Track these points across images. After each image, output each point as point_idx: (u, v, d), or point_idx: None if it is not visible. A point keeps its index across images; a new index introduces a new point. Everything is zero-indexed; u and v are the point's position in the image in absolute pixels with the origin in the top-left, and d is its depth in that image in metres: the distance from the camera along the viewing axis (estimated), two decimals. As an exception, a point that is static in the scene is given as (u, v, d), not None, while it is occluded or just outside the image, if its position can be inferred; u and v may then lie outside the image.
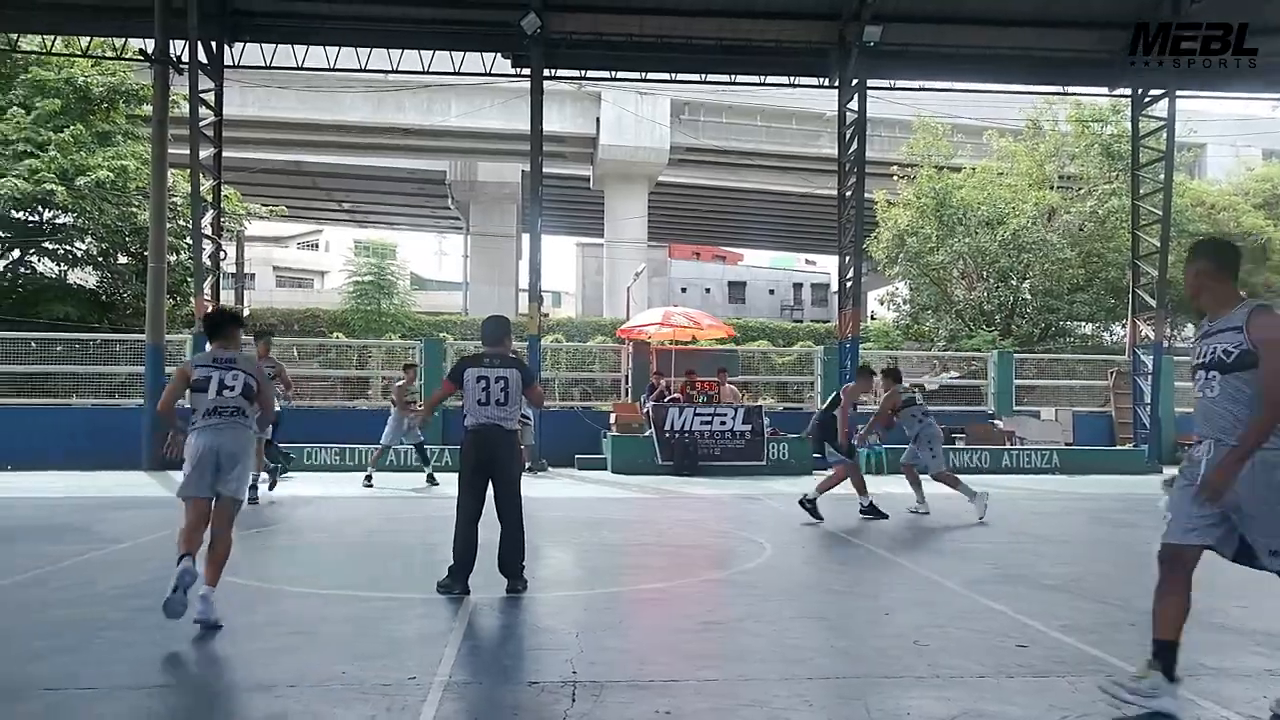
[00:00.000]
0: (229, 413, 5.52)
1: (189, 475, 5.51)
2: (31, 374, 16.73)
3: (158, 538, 8.51)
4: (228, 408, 5.52)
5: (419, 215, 59.68)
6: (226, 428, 5.51)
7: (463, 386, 6.22)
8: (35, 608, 5.86)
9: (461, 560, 6.14)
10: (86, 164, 21.36)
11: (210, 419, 5.49)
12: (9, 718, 3.85)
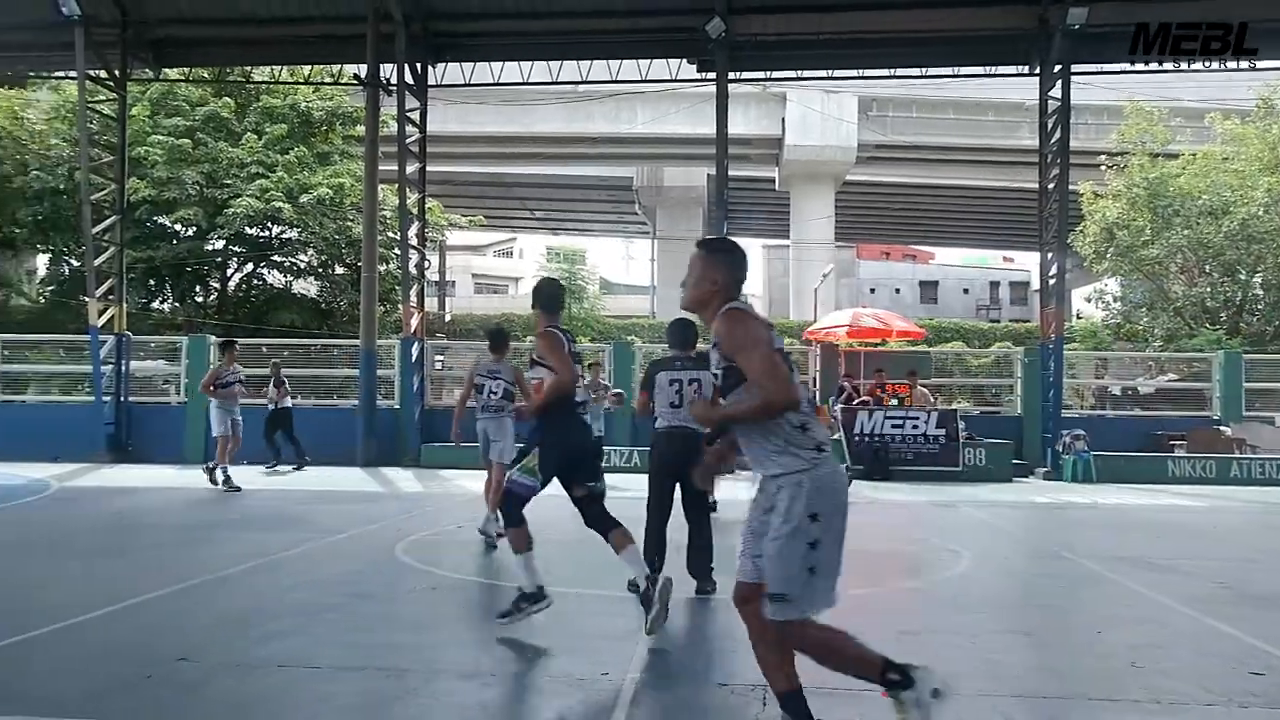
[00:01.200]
0: (494, 409, 8.23)
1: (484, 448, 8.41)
2: (264, 376, 18.27)
3: (372, 529, 9.13)
4: (495, 405, 8.22)
5: (607, 221, 61.06)
6: (493, 418, 8.26)
7: (654, 390, 6.31)
8: (268, 592, 6.40)
9: (650, 560, 6.24)
10: (309, 183, 23.19)
11: (485, 412, 8.27)
12: (252, 690, 4.22)
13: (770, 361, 3.19)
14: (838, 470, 3.30)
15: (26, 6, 16.77)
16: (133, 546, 8.38)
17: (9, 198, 23.61)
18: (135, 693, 4.10)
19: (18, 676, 4.42)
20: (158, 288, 25.86)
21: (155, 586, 6.31)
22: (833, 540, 3.19)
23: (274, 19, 17.53)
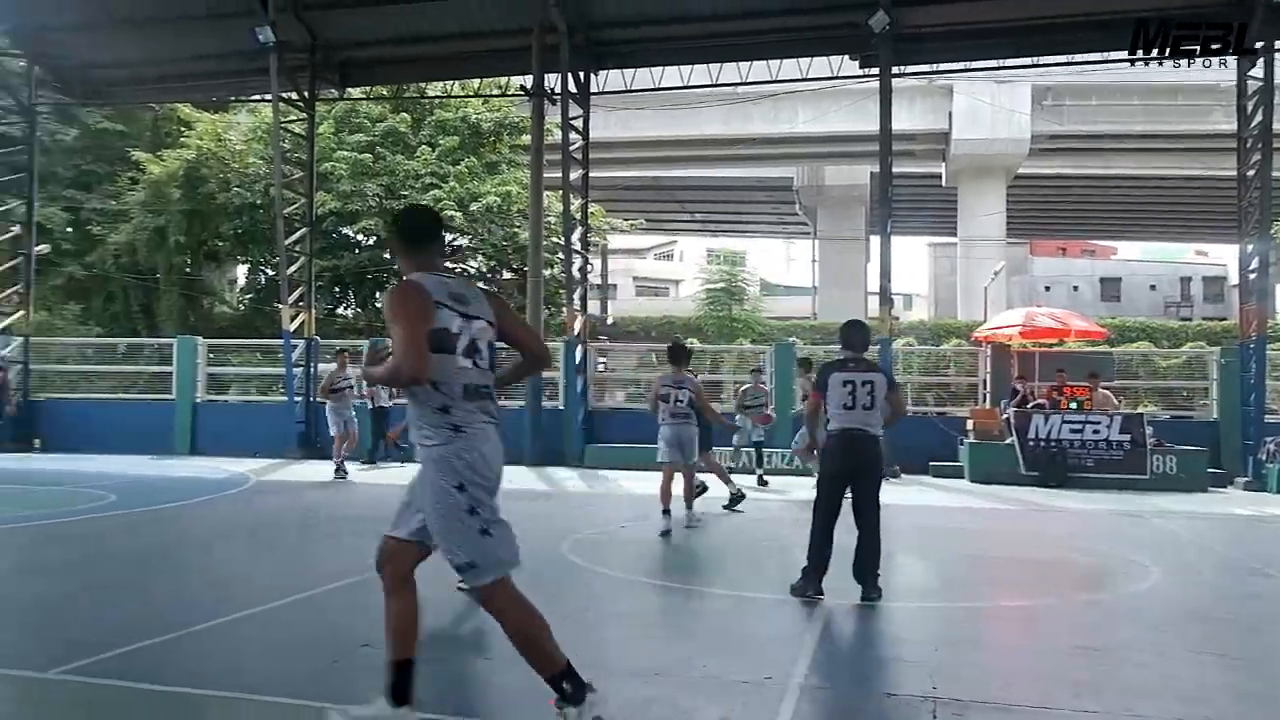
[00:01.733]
0: (682, 416, 9.15)
1: (666, 451, 9.17)
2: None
3: (539, 527, 9.39)
4: (681, 413, 9.15)
5: (767, 222, 60.66)
6: (681, 424, 9.17)
7: (827, 392, 6.25)
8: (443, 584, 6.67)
9: (817, 563, 6.16)
10: (478, 191, 24.14)
11: (672, 419, 9.16)
12: (427, 677, 4.44)
13: (408, 336, 3.27)
14: (477, 449, 3.44)
15: (228, 39, 18.20)
16: (320, 537, 8.97)
17: (213, 213, 25.66)
18: (323, 676, 4.38)
19: (220, 656, 4.81)
20: (342, 294, 27.47)
21: (340, 576, 6.72)
22: (487, 502, 3.47)
23: (446, 36, 18.35)
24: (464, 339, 3.40)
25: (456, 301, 3.42)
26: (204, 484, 12.81)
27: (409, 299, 3.34)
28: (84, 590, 6.34)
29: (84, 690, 4.07)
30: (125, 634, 4.99)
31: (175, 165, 25.56)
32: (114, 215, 27.78)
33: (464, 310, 3.42)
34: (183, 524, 9.92)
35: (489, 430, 3.49)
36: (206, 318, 28.14)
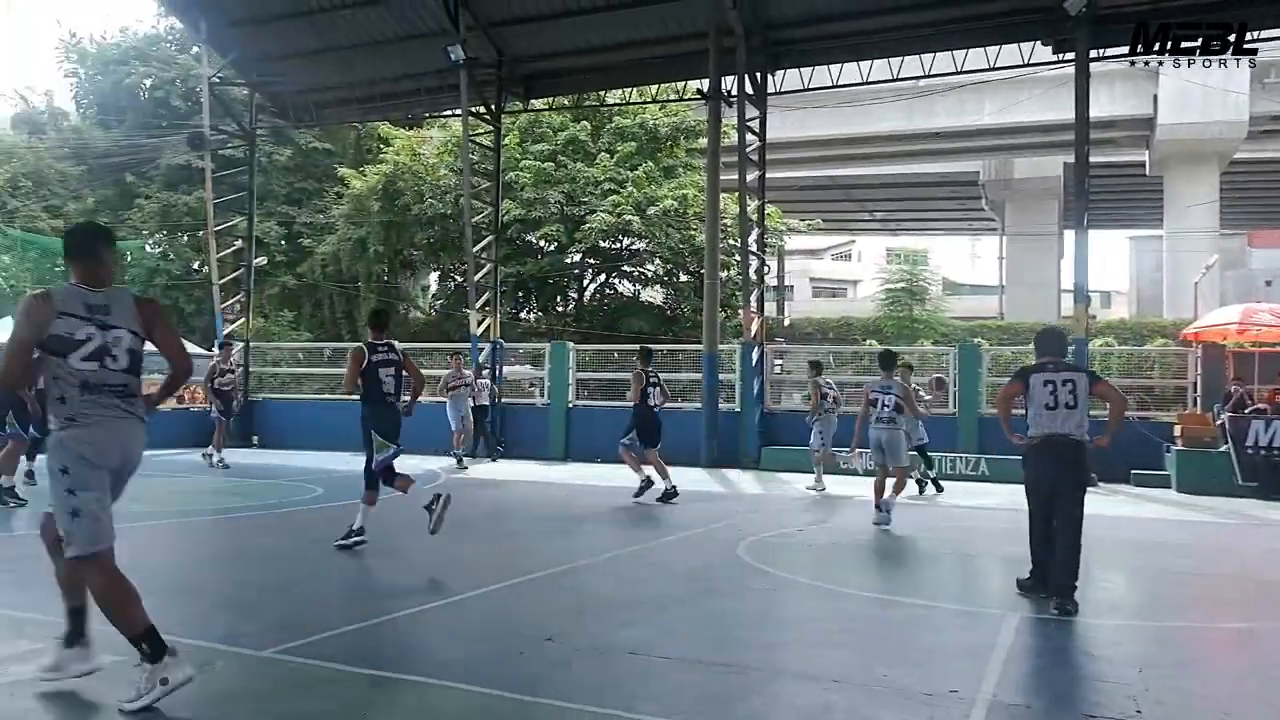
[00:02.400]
0: (887, 420, 9.53)
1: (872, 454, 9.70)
2: (614, 380, 19.52)
3: (715, 528, 9.45)
4: (887, 417, 9.53)
5: (951, 219, 58.44)
6: (886, 428, 9.56)
7: (1028, 392, 6.11)
8: (623, 582, 6.84)
9: (1043, 561, 6.09)
10: (655, 196, 24.47)
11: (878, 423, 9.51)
12: (609, 674, 4.56)
13: (13, 346, 3.85)
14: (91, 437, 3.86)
15: (423, 59, 19.27)
16: (506, 533, 9.34)
17: (409, 224, 27.17)
18: (510, 666, 4.57)
19: (417, 643, 5.10)
20: (525, 299, 28.48)
21: (527, 570, 6.98)
22: (93, 490, 3.84)
23: (624, 44, 18.72)
24: (92, 344, 3.88)
25: (92, 311, 3.91)
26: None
27: (27, 311, 3.87)
28: (295, 576, 6.86)
29: (296, 669, 4.41)
30: (332, 618, 5.38)
31: (375, 180, 27.24)
32: (321, 228, 29.93)
33: (101, 319, 3.92)
34: (381, 516, 10.54)
35: (112, 422, 3.95)
36: (402, 323, 29.81)
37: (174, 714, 3.84)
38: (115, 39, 36.29)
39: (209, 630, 5.01)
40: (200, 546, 8.47)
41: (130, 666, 4.19)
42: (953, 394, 16.32)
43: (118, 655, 4.47)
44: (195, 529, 9.15)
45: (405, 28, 19.21)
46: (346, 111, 22.57)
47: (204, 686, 4.16)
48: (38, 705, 3.82)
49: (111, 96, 34.75)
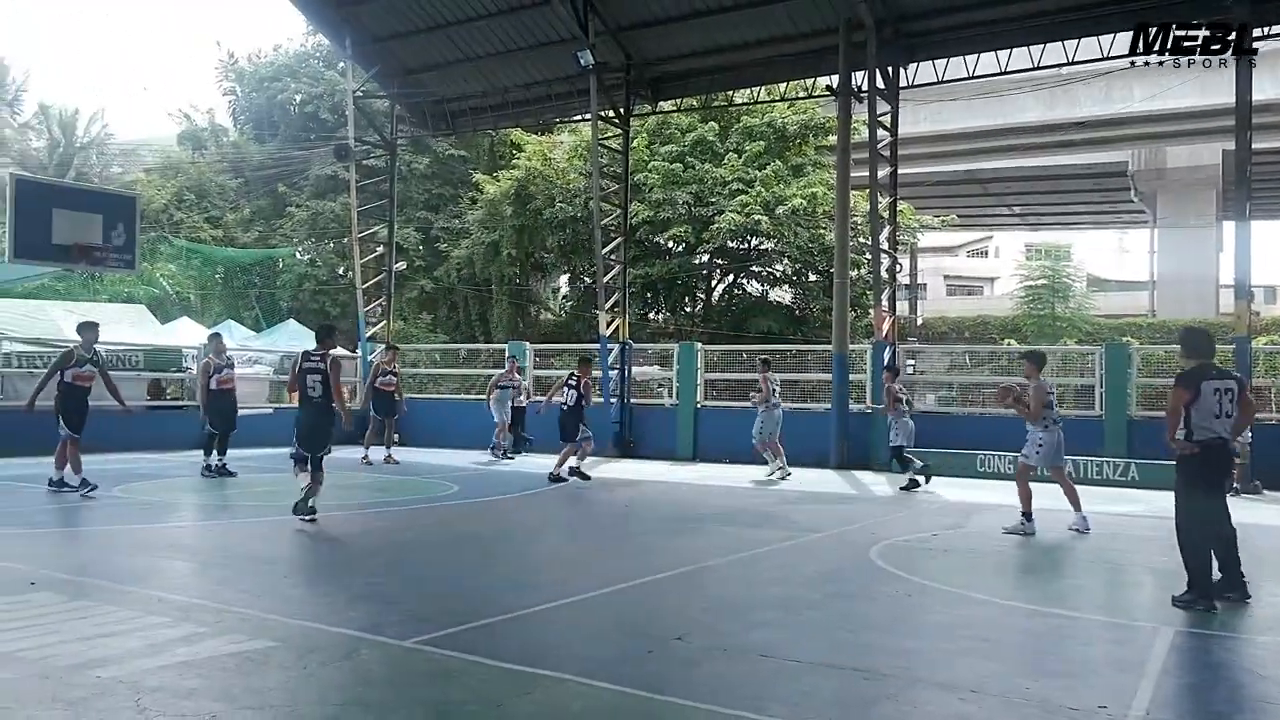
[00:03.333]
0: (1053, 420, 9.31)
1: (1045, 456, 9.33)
2: (743, 380, 19.42)
3: (846, 531, 9.29)
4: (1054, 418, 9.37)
5: (1096, 212, 55.67)
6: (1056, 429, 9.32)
7: (1198, 398, 6.03)
8: (752, 583, 6.81)
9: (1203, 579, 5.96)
10: (783, 195, 24.23)
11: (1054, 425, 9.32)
12: (738, 675, 4.55)
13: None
14: None
15: (554, 65, 19.66)
16: (636, 532, 9.42)
17: (540, 228, 27.76)
18: (638, 665, 4.61)
19: (550, 638, 5.20)
20: (653, 300, 28.66)
21: (655, 570, 7.03)
22: None
23: (752, 43, 18.60)
24: None
25: None
26: (533, 478, 13.88)
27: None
28: (433, 570, 7.11)
29: (434, 660, 4.57)
30: (468, 611, 5.54)
31: (508, 185, 27.93)
32: (457, 233, 30.92)
33: None
34: (516, 513, 10.82)
35: None
36: (533, 324, 30.49)
37: (325, 700, 4.04)
38: (269, 57, 38.41)
39: (354, 620, 5.24)
40: (345, 539, 8.86)
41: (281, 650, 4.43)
42: (1098, 395, 15.58)
43: (273, 641, 4.74)
44: (340, 522, 9.59)
45: (536, 36, 19.62)
46: (480, 119, 23.20)
47: (350, 674, 4.36)
48: (202, 684, 4.08)
49: (265, 112, 36.81)
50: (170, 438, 16.44)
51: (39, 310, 20.72)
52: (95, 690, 3.93)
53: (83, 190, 20.16)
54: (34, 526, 8.68)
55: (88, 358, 10.67)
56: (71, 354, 10.63)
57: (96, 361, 10.86)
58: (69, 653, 4.45)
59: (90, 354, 10.74)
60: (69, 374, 10.51)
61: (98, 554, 7.31)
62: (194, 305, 31.11)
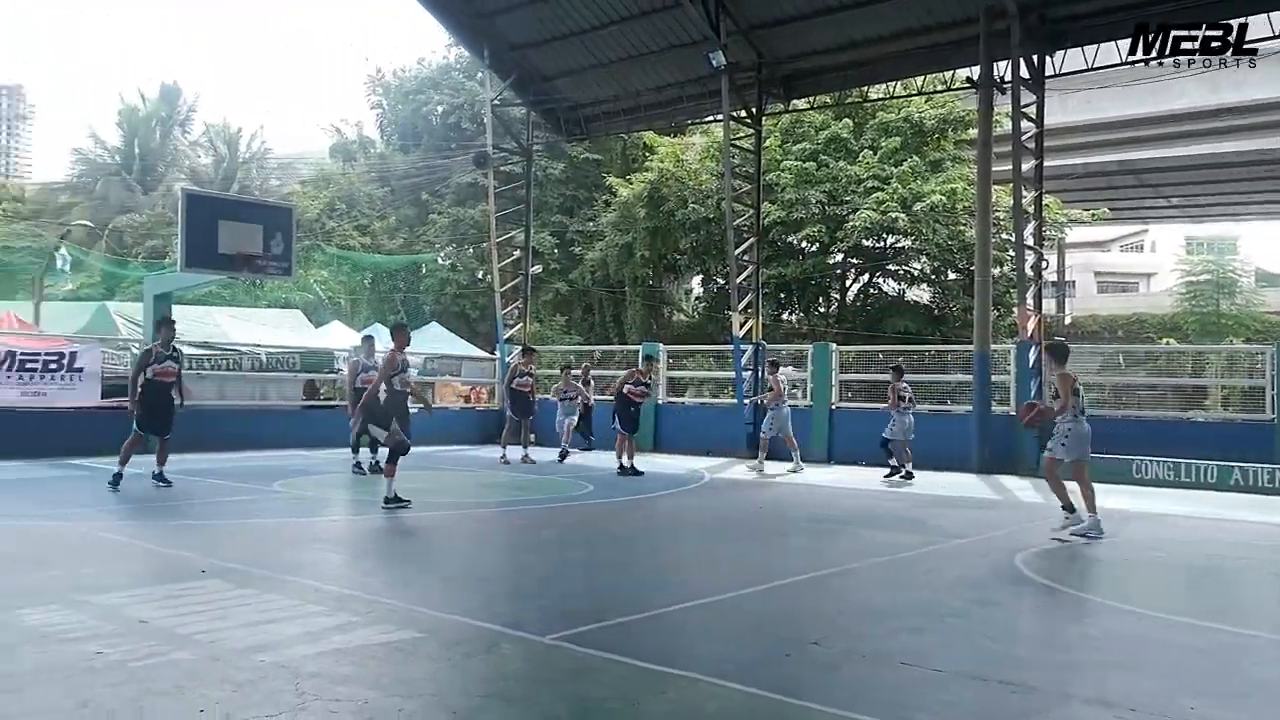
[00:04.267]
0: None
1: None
2: (879, 382, 18.99)
3: (990, 537, 8.97)
4: None
5: (1264, 202, 51.92)
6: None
7: None
8: (892, 589, 6.66)
9: None
10: (921, 191, 23.60)
11: None
12: (878, 682, 4.46)
13: None
14: None
15: (686, 67, 19.75)
16: (771, 534, 9.35)
17: (673, 229, 27.90)
18: (777, 668, 4.57)
19: (681, 637, 5.23)
20: (787, 300, 28.38)
21: (792, 573, 6.97)
22: None
23: (887, 37, 18.19)
24: None
25: None
26: (666, 478, 13.97)
27: None
28: (571, 568, 7.24)
29: (573, 656, 4.65)
30: (605, 609, 5.62)
31: (640, 187, 28.19)
32: (591, 236, 31.41)
33: None
34: (650, 513, 10.91)
35: None
36: (666, 325, 30.67)
37: (469, 692, 4.17)
38: (413, 71, 39.98)
39: (496, 615, 5.40)
40: (486, 536, 9.14)
41: (427, 641, 4.59)
42: (1270, 398, 14.54)
43: (420, 632, 4.93)
44: (481, 520, 9.89)
45: (668, 38, 19.73)
46: (614, 123, 23.49)
47: (493, 668, 4.49)
48: (355, 672, 4.28)
49: (410, 123, 38.35)
50: (323, 435, 17.32)
51: (207, 315, 22.23)
52: (259, 674, 4.18)
53: (245, 203, 21.46)
54: (203, 518, 9.29)
55: (167, 354, 11.13)
56: (151, 352, 11.10)
57: (176, 358, 11.33)
58: (235, 637, 4.75)
59: (170, 351, 11.22)
60: (150, 370, 10.90)
61: (260, 545, 7.76)
62: (344, 309, 32.70)
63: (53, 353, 15.14)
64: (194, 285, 18.81)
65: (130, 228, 40.75)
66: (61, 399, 14.61)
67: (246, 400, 18.09)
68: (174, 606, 5.36)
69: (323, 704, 3.81)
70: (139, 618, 5.05)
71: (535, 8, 20.09)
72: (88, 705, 3.72)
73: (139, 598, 5.52)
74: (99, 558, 7.01)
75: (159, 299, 16.17)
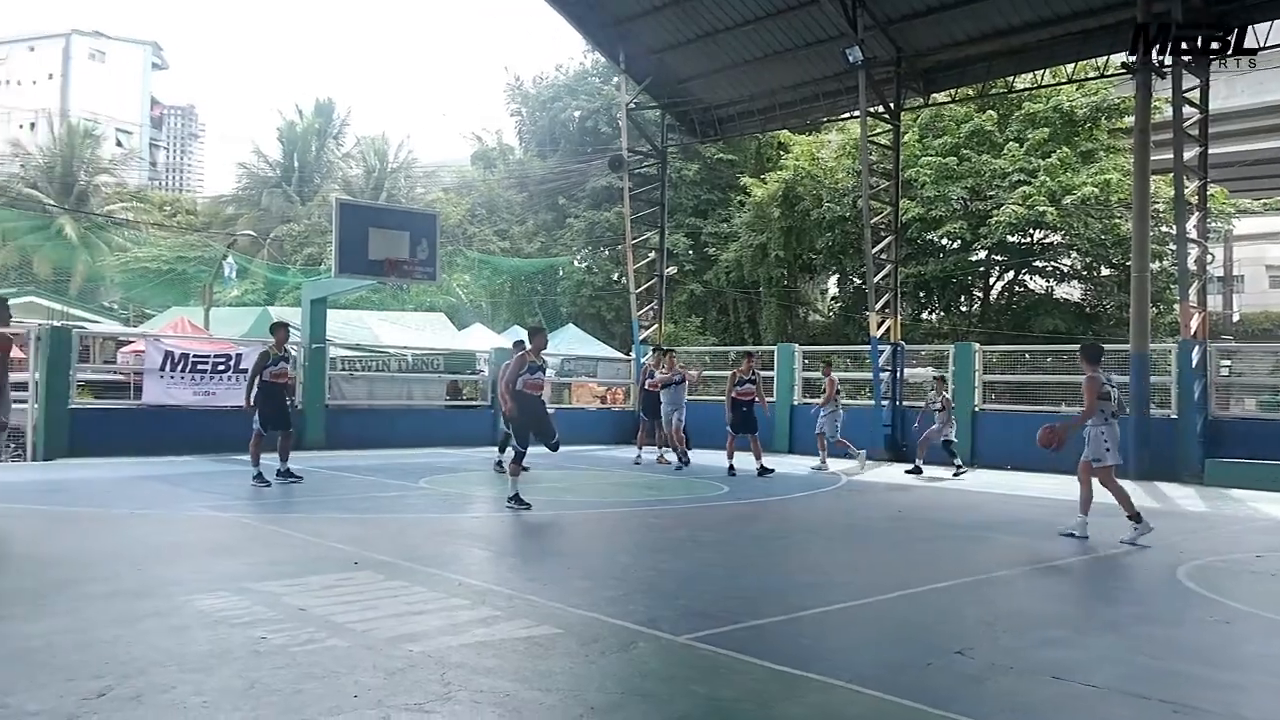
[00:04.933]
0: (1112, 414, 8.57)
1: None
2: (1024, 383, 18.24)
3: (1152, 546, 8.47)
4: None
5: None
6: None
7: None
8: (1042, 598, 6.39)
9: None
10: (1071, 183, 22.54)
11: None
12: (1027, 696, 4.28)
13: None
14: None
15: (821, 64, 19.54)
16: (913, 539, 9.11)
17: (808, 228, 27.56)
18: (917, 676, 4.45)
19: (819, 641, 5.15)
20: (926, 299, 27.61)
21: (934, 579, 6.77)
22: None
23: (1033, 24, 17.47)
24: None
25: None
26: (803, 480, 13.80)
27: None
28: (705, 568, 7.24)
29: (708, 657, 4.65)
30: (741, 610, 5.60)
31: (775, 186, 27.96)
32: (725, 237, 31.35)
33: None
34: (786, 515, 10.81)
35: None
36: (802, 326, 30.31)
37: (605, 689, 4.23)
38: (550, 78, 40.86)
39: (632, 613, 5.45)
40: (621, 535, 9.24)
41: (565, 638, 4.68)
42: None
43: (558, 628, 5.03)
44: (616, 519, 10.01)
45: (804, 36, 19.52)
46: (748, 123, 23.39)
47: (629, 665, 4.54)
48: (497, 664, 4.41)
49: (547, 130, 39.20)
50: (464, 434, 17.89)
51: (358, 319, 23.30)
52: (407, 663, 4.36)
53: (393, 210, 22.40)
54: (354, 513, 9.74)
55: (280, 356, 11.56)
56: (268, 354, 11.53)
57: (288, 359, 11.80)
58: (386, 627, 4.96)
59: (283, 353, 11.66)
60: (266, 373, 11.32)
61: (407, 539, 8.08)
62: (485, 312, 33.70)
63: (220, 355, 16.17)
64: (347, 290, 19.74)
65: (289, 236, 43.15)
66: (228, 399, 15.58)
67: (393, 400, 18.87)
68: (330, 596, 5.64)
69: (468, 694, 3.94)
70: (298, 606, 5.34)
71: (670, 11, 20.22)
72: (254, 686, 3.96)
73: (298, 587, 5.84)
74: (261, 548, 7.45)
75: (315, 303, 17.03)
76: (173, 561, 6.79)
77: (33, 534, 7.98)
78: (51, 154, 49.82)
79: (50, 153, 50.00)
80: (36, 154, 50.78)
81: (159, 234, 46.20)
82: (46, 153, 50.30)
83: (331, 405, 16.98)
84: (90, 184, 49.42)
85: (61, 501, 9.84)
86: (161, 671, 4.11)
